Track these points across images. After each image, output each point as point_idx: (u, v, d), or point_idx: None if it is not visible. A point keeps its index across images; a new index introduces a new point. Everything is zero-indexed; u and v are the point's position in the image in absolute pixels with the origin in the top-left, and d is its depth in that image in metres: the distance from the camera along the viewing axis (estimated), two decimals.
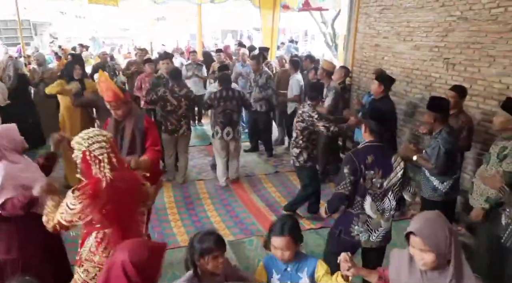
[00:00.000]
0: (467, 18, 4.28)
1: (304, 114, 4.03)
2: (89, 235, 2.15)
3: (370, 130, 2.64)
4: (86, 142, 2.03)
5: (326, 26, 14.35)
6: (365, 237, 2.65)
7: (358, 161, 2.56)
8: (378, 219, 2.63)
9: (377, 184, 2.57)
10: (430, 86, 4.91)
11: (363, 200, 2.61)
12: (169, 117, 4.98)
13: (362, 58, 6.42)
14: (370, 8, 6.14)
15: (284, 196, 5.11)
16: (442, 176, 3.38)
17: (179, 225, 4.34)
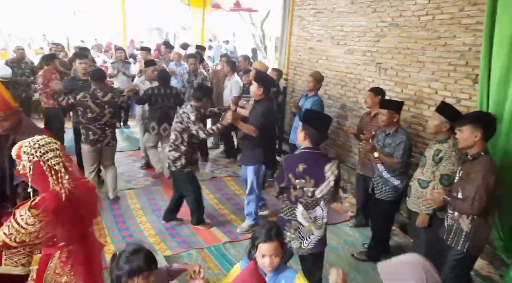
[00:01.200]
0: (397, 25, 4.44)
1: (183, 115, 3.82)
2: (51, 256, 1.94)
3: (308, 137, 2.55)
4: (38, 151, 1.81)
5: (255, 27, 14.43)
6: (297, 244, 2.61)
7: (287, 168, 2.53)
8: (310, 226, 2.58)
9: (309, 192, 2.51)
10: (364, 90, 5.03)
11: (294, 207, 2.58)
12: (90, 126, 4.33)
13: (296, 60, 6.44)
14: (304, 11, 6.17)
15: (223, 202, 4.88)
16: (401, 175, 3.48)
17: (107, 241, 3.87)
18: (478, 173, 2.48)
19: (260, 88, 3.91)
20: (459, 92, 3.77)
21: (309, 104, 4.70)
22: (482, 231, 2.61)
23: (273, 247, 1.91)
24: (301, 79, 6.41)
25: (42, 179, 1.82)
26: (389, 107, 3.47)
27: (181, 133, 3.85)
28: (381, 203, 3.60)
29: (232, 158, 6.42)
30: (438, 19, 3.94)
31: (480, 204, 2.47)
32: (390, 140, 3.48)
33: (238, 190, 5.28)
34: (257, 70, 5.25)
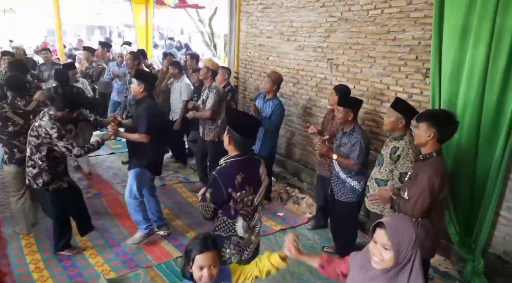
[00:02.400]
0: (347, 19, 4.34)
1: (40, 129, 3.20)
2: None
3: (234, 143, 2.23)
4: None
5: (203, 24, 14.04)
6: (237, 258, 2.37)
7: (225, 184, 2.18)
8: (250, 237, 2.39)
9: (248, 202, 2.28)
10: (317, 87, 4.92)
11: (233, 222, 2.30)
12: (14, 142, 3.67)
13: (246, 58, 6.21)
14: (251, 6, 5.95)
15: (174, 212, 4.54)
16: (359, 175, 3.33)
17: (41, 267, 3.41)
18: (425, 175, 2.37)
19: (141, 85, 3.52)
20: (410, 87, 3.73)
21: (268, 109, 4.39)
22: (429, 234, 2.49)
23: (210, 256, 1.82)
24: (252, 77, 6.20)
25: None
26: (343, 104, 3.32)
27: (38, 148, 3.25)
28: (340, 205, 3.46)
29: (181, 162, 6.07)
30: (386, 13, 3.88)
31: (422, 207, 2.36)
32: (346, 140, 3.34)
33: (190, 197, 4.96)
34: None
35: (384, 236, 1.50)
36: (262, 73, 5.94)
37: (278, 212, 4.60)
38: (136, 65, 5.57)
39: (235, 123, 2.26)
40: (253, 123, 2.36)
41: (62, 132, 3.25)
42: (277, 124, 4.45)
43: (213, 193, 2.20)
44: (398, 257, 1.48)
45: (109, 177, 5.48)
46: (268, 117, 4.37)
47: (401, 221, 1.57)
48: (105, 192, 4.96)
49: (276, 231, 4.15)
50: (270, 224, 4.30)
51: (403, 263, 1.49)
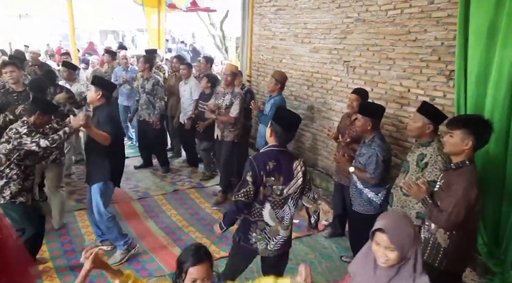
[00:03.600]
0: (364, 20, 4.20)
1: (10, 132, 3.07)
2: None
3: (275, 135, 2.48)
4: None
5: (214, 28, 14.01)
6: (263, 246, 2.53)
7: (258, 166, 2.42)
8: (277, 226, 2.51)
9: (277, 191, 2.45)
10: (332, 90, 4.78)
11: (261, 208, 2.48)
12: None
13: (259, 60, 6.11)
14: (264, 8, 5.85)
15: (187, 218, 4.44)
16: (376, 186, 3.13)
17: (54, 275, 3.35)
18: (460, 186, 2.20)
19: (99, 92, 3.36)
20: (433, 89, 3.57)
21: (269, 106, 4.39)
22: (462, 247, 2.33)
23: (204, 268, 1.79)
24: (265, 80, 6.09)
25: None
26: (363, 113, 3.13)
27: (8, 155, 3.08)
28: (357, 216, 3.30)
29: (194, 167, 5.99)
30: (406, 13, 3.73)
31: (457, 219, 2.19)
32: (365, 151, 3.14)
33: (203, 202, 4.87)
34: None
35: (386, 239, 1.57)
36: None
37: (293, 219, 4.46)
38: (146, 69, 5.52)
39: (278, 118, 2.50)
40: (294, 119, 2.57)
41: (32, 129, 3.09)
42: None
43: (252, 175, 2.40)
44: (403, 253, 1.57)
45: (122, 182, 5.39)
46: (267, 113, 4.35)
47: (398, 220, 1.65)
48: (117, 197, 4.85)
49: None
50: None
51: (407, 257, 1.60)
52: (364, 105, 3.28)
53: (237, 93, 4.59)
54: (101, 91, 3.36)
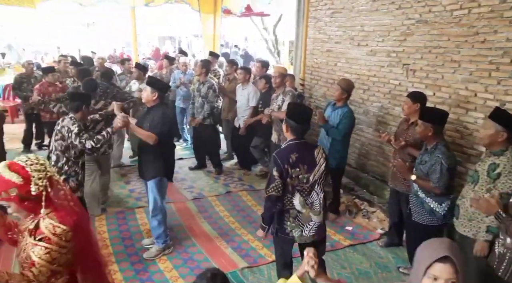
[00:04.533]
0: (427, 21, 4.02)
1: (63, 129, 3.31)
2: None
3: (290, 130, 2.70)
4: (45, 167, 1.69)
5: (267, 32, 14.10)
6: (298, 233, 2.72)
7: (282, 161, 2.63)
8: (308, 213, 2.70)
9: (304, 179, 2.66)
10: (390, 94, 4.62)
11: (292, 197, 2.69)
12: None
13: (313, 64, 6.06)
14: (320, 11, 5.79)
15: (239, 220, 4.50)
16: (440, 196, 2.96)
17: (116, 269, 3.55)
18: None
19: (154, 93, 3.50)
20: (504, 94, 3.32)
21: (336, 117, 4.18)
22: None
23: None
24: (319, 84, 6.04)
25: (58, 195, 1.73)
26: (423, 118, 2.97)
27: (64, 152, 3.33)
28: (417, 227, 3.11)
29: (246, 169, 6.06)
30: (474, 13, 3.51)
31: None
32: (427, 158, 2.98)
33: (255, 205, 4.91)
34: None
35: (451, 270, 1.34)
36: (329, 80, 5.75)
37: (346, 225, 4.36)
38: (203, 73, 5.69)
39: (290, 113, 2.72)
40: (305, 112, 2.80)
41: (82, 129, 3.36)
42: (345, 133, 4.21)
43: (277, 170, 2.62)
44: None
45: (177, 182, 5.60)
46: (336, 126, 4.18)
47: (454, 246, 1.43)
48: (173, 197, 5.07)
49: (345, 246, 3.93)
50: (338, 238, 4.09)
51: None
52: (425, 111, 3.12)
53: (288, 91, 4.70)
54: (156, 92, 3.51)
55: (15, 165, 1.66)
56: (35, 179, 1.64)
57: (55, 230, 1.65)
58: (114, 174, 5.52)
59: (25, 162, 1.67)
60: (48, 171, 1.70)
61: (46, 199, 1.66)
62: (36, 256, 1.63)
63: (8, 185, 1.61)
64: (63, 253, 1.67)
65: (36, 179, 1.64)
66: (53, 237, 1.65)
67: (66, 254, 1.69)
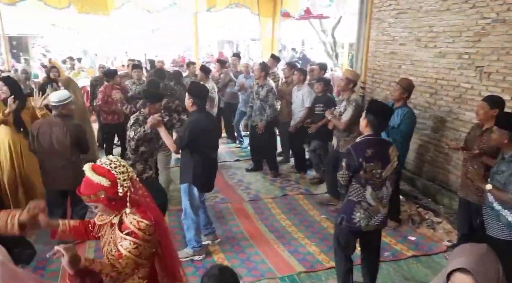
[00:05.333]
0: (505, 21, 3.73)
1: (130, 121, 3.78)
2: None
3: (369, 125, 2.75)
4: (127, 169, 1.78)
5: (326, 34, 13.92)
6: (365, 222, 2.83)
7: (357, 155, 2.71)
8: (378, 206, 2.81)
9: (377, 174, 2.73)
10: (460, 98, 4.35)
11: (364, 189, 2.77)
12: None
13: (375, 67, 5.88)
14: (384, 12, 5.61)
15: (296, 224, 4.47)
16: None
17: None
18: None
19: (191, 100, 3.50)
20: None
21: (397, 117, 4.04)
22: None
23: None
24: (381, 87, 5.84)
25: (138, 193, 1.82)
26: (499, 124, 2.77)
27: (131, 140, 3.65)
28: (491, 242, 2.89)
29: (302, 172, 6.01)
30: None
31: None
32: (504, 167, 2.76)
33: (311, 209, 4.85)
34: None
35: (469, 281, 1.28)
36: (392, 83, 5.53)
37: (409, 235, 4.16)
38: (262, 76, 5.75)
39: (372, 108, 2.77)
40: (387, 110, 2.87)
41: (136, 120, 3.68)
42: (406, 134, 4.07)
43: (348, 162, 2.74)
44: None
45: (234, 183, 5.72)
46: (397, 126, 4.03)
47: (484, 257, 1.32)
48: (231, 197, 5.18)
49: (408, 256, 3.75)
50: (401, 248, 3.91)
51: None
52: (501, 116, 2.90)
53: (353, 100, 4.46)
54: (192, 99, 3.52)
55: (101, 168, 1.74)
56: (121, 180, 1.72)
57: (140, 225, 1.74)
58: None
59: (109, 165, 1.74)
60: (130, 172, 1.79)
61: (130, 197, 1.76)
62: (125, 249, 1.72)
63: (97, 188, 1.70)
64: (148, 247, 1.76)
65: (122, 181, 1.72)
66: (139, 231, 1.73)
67: (150, 247, 1.78)
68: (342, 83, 4.58)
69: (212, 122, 3.70)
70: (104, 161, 1.77)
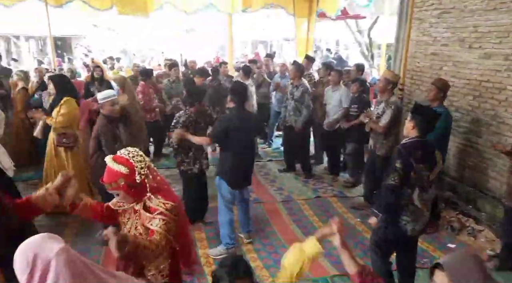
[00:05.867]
0: None
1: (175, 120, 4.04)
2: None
3: (416, 127, 2.72)
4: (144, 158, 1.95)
5: (361, 35, 13.68)
6: (411, 226, 2.77)
7: (408, 155, 2.67)
8: (423, 208, 2.77)
9: (425, 176, 2.70)
10: (506, 101, 4.15)
11: (412, 192, 2.71)
12: None
13: (414, 68, 5.71)
14: (425, 12, 5.43)
15: None
16: None
17: (211, 262, 3.76)
18: None
19: (229, 97, 3.83)
20: None
21: None
22: None
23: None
24: (420, 89, 5.67)
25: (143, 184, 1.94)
26: None
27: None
28: None
29: (335, 174, 5.93)
30: None
31: None
32: None
33: (346, 212, 4.79)
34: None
35: (445, 279, 1.33)
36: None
37: (449, 243, 4.02)
38: (297, 76, 5.73)
39: (418, 111, 2.75)
40: (433, 113, 2.84)
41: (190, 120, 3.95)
42: (442, 135, 3.94)
43: (403, 162, 2.63)
44: None
45: (266, 183, 5.74)
46: None
47: (465, 260, 1.34)
48: (263, 197, 5.20)
49: None
50: (439, 255, 3.79)
51: None
52: None
53: (392, 103, 4.35)
54: (231, 96, 3.79)
55: (120, 158, 1.91)
56: (138, 168, 1.89)
57: (166, 206, 1.92)
58: None
59: (127, 154, 1.92)
60: (146, 161, 1.95)
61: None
62: (156, 226, 1.89)
63: (117, 176, 1.87)
64: (174, 225, 1.94)
65: (139, 169, 1.89)
66: (167, 211, 1.91)
67: (175, 226, 1.95)
68: (380, 84, 4.47)
69: (247, 121, 3.74)
70: (123, 151, 1.95)
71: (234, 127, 3.58)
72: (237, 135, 3.60)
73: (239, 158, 3.68)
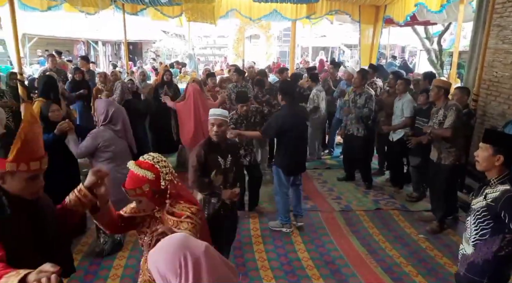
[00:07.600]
0: None
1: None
2: None
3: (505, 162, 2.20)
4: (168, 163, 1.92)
5: (430, 42, 13.02)
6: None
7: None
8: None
9: None
10: None
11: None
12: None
13: (491, 78, 5.32)
14: (506, 19, 5.05)
15: (390, 240, 4.25)
16: None
17: (263, 257, 3.83)
18: None
19: (280, 96, 4.29)
20: None
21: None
22: None
23: None
24: (497, 100, 5.27)
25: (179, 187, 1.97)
26: None
27: None
28: None
29: (398, 187, 5.67)
30: None
31: None
32: None
33: (408, 227, 4.57)
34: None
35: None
36: (511, 96, 4.96)
37: None
38: (362, 84, 5.59)
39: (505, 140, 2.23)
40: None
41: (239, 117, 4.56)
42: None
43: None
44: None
45: (324, 191, 5.65)
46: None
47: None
48: (320, 206, 5.12)
49: None
50: None
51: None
52: None
53: (450, 105, 4.23)
54: (281, 95, 4.27)
55: (145, 163, 1.84)
56: (163, 174, 1.84)
57: (192, 210, 1.91)
58: None
59: (152, 160, 1.86)
60: (170, 167, 1.91)
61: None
62: (185, 229, 1.81)
63: (143, 181, 1.80)
64: (199, 228, 1.92)
65: (164, 174, 1.84)
66: (193, 215, 1.90)
67: (200, 229, 1.95)
68: (432, 92, 4.39)
69: (297, 118, 4.27)
70: (146, 157, 1.88)
71: (285, 123, 4.11)
72: (289, 129, 4.12)
73: (292, 149, 4.22)
